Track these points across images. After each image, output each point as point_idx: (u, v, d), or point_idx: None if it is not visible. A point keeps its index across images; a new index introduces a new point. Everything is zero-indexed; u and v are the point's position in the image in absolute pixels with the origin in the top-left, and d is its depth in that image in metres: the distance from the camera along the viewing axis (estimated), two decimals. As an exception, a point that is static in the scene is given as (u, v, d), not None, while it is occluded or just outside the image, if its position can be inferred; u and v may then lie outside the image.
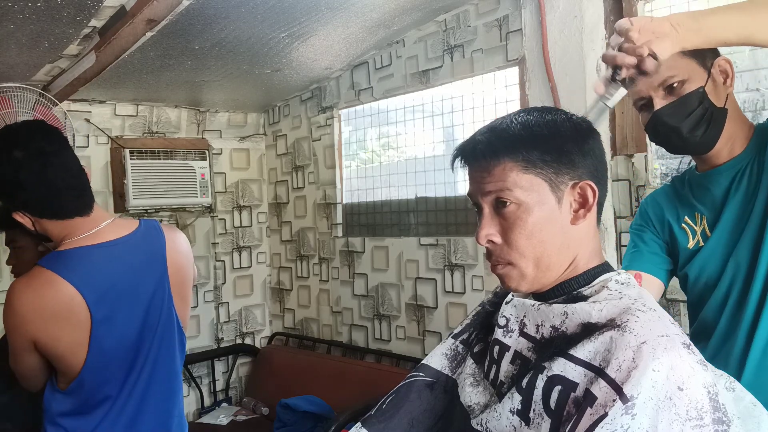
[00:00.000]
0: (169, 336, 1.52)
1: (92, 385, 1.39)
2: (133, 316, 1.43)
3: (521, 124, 0.84)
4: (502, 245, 0.84)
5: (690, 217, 1.26)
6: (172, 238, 1.55)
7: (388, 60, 2.84)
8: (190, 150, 3.33)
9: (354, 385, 2.83)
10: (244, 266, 3.63)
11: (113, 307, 1.39)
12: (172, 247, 1.53)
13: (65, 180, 1.38)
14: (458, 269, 2.60)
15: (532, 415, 0.77)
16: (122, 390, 1.43)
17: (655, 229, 1.33)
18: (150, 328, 1.46)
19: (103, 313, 1.36)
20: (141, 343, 1.45)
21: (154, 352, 1.47)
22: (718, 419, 0.68)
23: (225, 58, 2.58)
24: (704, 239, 1.22)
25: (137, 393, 1.45)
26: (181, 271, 1.55)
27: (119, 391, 1.42)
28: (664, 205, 1.32)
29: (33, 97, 2.64)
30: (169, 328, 1.51)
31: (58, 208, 1.38)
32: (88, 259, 1.38)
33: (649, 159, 2.04)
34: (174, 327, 1.53)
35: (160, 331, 1.48)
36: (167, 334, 1.51)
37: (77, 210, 1.41)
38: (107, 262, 1.40)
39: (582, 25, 2.03)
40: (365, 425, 0.96)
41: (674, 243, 1.29)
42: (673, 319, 0.78)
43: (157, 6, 1.88)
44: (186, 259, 1.59)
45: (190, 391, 3.40)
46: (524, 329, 0.87)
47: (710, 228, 1.22)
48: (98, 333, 1.36)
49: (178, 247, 1.56)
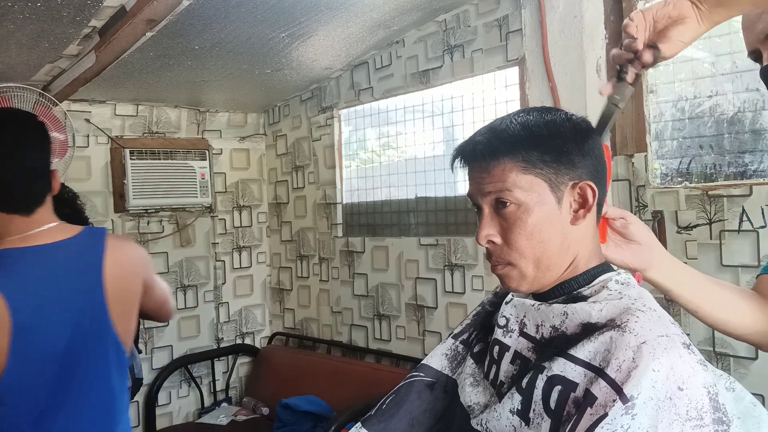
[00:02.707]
0: (101, 353, 1.40)
1: (13, 397, 1.30)
2: (59, 328, 1.33)
3: (521, 125, 0.84)
4: (502, 246, 0.84)
5: None
6: (117, 250, 1.43)
7: (388, 60, 2.84)
8: (190, 150, 3.33)
9: (354, 385, 2.83)
10: (244, 266, 3.63)
11: (36, 315, 1.30)
12: (113, 258, 1.41)
13: (18, 175, 1.32)
14: (458, 269, 2.60)
15: (532, 415, 0.77)
16: (47, 406, 1.32)
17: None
18: (78, 343, 1.35)
19: (24, 321, 1.28)
20: (68, 358, 1.34)
21: (82, 368, 1.36)
22: (718, 419, 0.68)
23: (225, 58, 2.58)
24: None
25: (65, 412, 1.34)
26: (120, 284, 1.42)
27: (44, 406, 1.32)
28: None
29: (33, 97, 2.64)
30: (101, 344, 1.40)
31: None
32: (15, 262, 1.31)
33: (649, 159, 2.04)
34: (107, 344, 1.41)
35: (90, 347, 1.37)
36: (98, 350, 1.39)
37: (17, 206, 1.33)
38: (34, 267, 1.33)
39: (582, 25, 2.03)
40: (365, 425, 0.96)
41: None
42: (672, 319, 0.78)
43: (157, 6, 1.88)
44: (129, 273, 1.46)
45: (190, 391, 3.40)
46: (524, 329, 0.87)
47: None
48: (19, 341, 1.27)
49: (121, 259, 1.43)
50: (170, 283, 3.30)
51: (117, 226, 3.16)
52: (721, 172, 1.93)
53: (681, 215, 1.95)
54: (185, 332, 3.38)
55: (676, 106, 2.01)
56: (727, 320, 1.00)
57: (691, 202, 1.92)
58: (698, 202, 1.91)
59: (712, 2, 0.87)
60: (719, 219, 1.87)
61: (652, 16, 0.89)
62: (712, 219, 1.88)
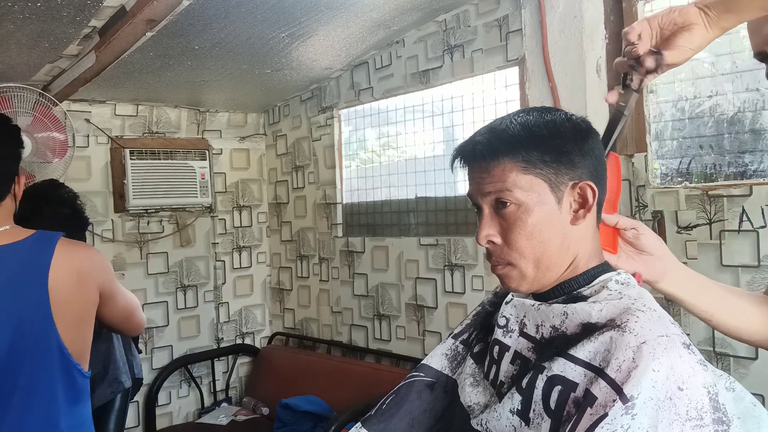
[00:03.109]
0: (46, 364, 1.33)
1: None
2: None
3: (521, 125, 0.84)
4: (502, 246, 0.84)
5: None
6: (67, 255, 1.35)
7: (388, 60, 2.84)
8: (190, 150, 3.33)
9: (354, 385, 2.83)
10: (244, 266, 3.63)
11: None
12: (61, 265, 1.33)
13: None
14: (458, 269, 2.60)
15: (532, 415, 0.77)
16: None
17: None
18: (19, 352, 1.30)
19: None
20: (9, 367, 1.29)
21: (24, 378, 1.30)
22: (718, 419, 0.68)
23: (225, 58, 2.58)
24: None
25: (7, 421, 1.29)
26: (68, 292, 1.34)
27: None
28: None
29: (33, 97, 2.64)
30: (45, 355, 1.32)
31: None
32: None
33: (649, 159, 2.04)
34: (53, 355, 1.33)
35: (34, 357, 1.31)
36: (43, 361, 1.32)
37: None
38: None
39: (582, 25, 2.03)
40: (365, 425, 0.96)
41: None
42: (672, 319, 0.78)
43: (157, 6, 1.88)
44: (80, 280, 1.38)
45: (190, 391, 3.41)
46: (524, 329, 0.87)
47: None
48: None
49: (70, 265, 1.35)
50: (170, 283, 3.31)
51: (117, 226, 3.16)
52: (721, 172, 1.93)
53: (681, 215, 1.95)
54: (185, 332, 3.38)
55: (676, 106, 2.01)
56: (738, 326, 1.00)
57: (691, 202, 1.93)
58: (698, 202, 1.91)
59: (721, 8, 0.86)
60: (719, 219, 1.87)
61: (657, 24, 0.88)
62: (712, 219, 1.88)
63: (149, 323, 3.20)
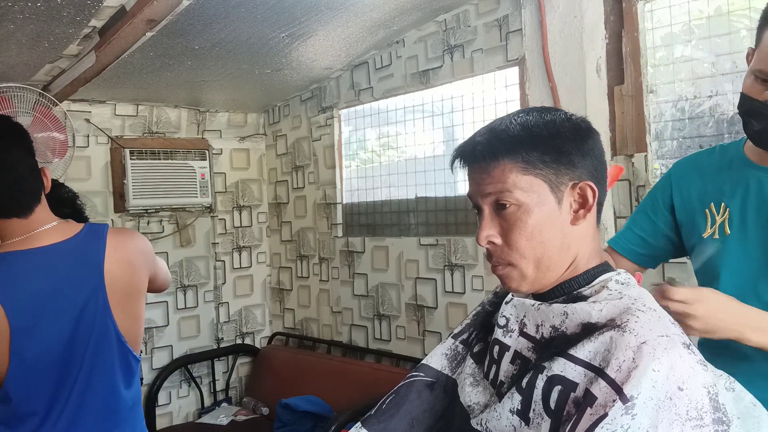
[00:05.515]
0: (106, 352, 1.40)
1: (18, 398, 1.32)
2: (59, 328, 1.35)
3: (520, 125, 0.84)
4: (502, 246, 0.84)
5: (715, 205, 1.21)
6: (118, 246, 1.42)
7: (388, 60, 2.84)
8: (190, 150, 3.33)
9: (354, 385, 2.83)
10: (244, 266, 3.63)
11: (35, 317, 1.31)
12: (114, 255, 1.40)
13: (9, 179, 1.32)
14: (458, 269, 2.60)
15: (532, 415, 0.78)
16: (52, 406, 1.34)
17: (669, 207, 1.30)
18: (80, 342, 1.36)
19: (23, 323, 1.29)
20: (71, 358, 1.36)
21: (86, 368, 1.37)
22: (718, 419, 0.68)
23: (225, 58, 2.58)
24: (721, 234, 1.19)
25: (69, 410, 1.36)
26: (121, 281, 1.41)
27: (48, 406, 1.34)
28: (693, 182, 1.27)
29: (33, 97, 2.64)
30: (104, 343, 1.40)
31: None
32: (11, 266, 1.32)
33: (649, 159, 2.04)
34: (112, 343, 1.41)
35: (92, 346, 1.38)
36: (102, 350, 1.39)
37: (12, 210, 1.34)
38: (32, 269, 1.33)
39: (582, 25, 2.03)
40: (365, 425, 0.96)
41: (692, 225, 1.26)
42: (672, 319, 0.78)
43: (157, 6, 1.88)
44: (133, 269, 1.45)
45: (190, 391, 3.40)
46: (524, 329, 0.87)
47: (730, 225, 1.18)
48: (18, 343, 1.29)
49: (122, 255, 1.42)
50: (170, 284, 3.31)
51: (117, 226, 3.16)
52: (721, 172, 1.92)
53: (681, 215, 1.94)
54: (185, 332, 3.38)
55: (676, 106, 2.01)
56: None
57: (691, 202, 1.92)
58: (698, 202, 1.91)
59: (727, 327, 1.01)
60: (719, 219, 1.86)
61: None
62: (712, 219, 1.88)
63: (149, 323, 3.20)
